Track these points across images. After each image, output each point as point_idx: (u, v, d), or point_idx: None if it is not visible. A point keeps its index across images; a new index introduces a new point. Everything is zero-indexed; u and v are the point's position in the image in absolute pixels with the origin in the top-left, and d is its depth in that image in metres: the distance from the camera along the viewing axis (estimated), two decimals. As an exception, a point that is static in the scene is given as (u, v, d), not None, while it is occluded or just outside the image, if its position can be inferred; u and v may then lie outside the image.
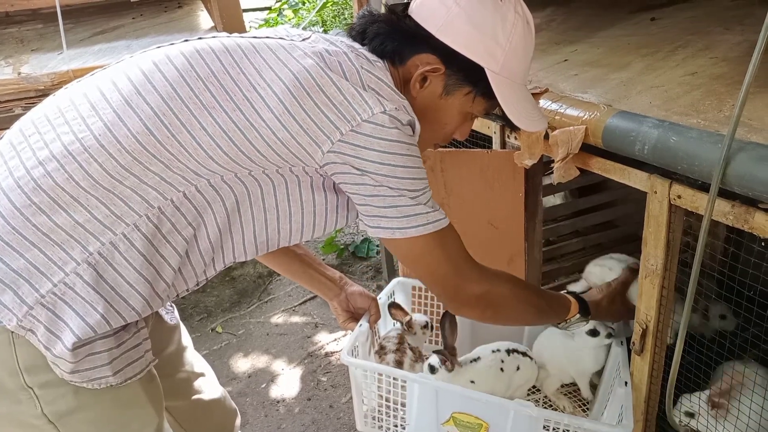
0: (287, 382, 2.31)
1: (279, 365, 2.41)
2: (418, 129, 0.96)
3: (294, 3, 5.82)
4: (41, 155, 0.87)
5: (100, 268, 0.87)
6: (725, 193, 0.95)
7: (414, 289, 1.75)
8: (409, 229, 0.93)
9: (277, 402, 2.22)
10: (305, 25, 5.25)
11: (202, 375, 1.30)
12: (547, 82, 1.41)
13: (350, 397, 2.14)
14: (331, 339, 2.54)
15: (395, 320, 1.57)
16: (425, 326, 1.55)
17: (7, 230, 0.85)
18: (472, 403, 1.29)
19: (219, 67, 0.91)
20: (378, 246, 3.14)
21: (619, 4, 1.83)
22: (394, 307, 1.53)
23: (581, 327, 1.22)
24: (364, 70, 0.93)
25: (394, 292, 1.72)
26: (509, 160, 1.48)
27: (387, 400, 1.37)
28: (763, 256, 1.15)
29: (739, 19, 1.42)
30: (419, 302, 1.76)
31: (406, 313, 1.55)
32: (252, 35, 1.00)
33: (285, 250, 1.33)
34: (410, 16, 1.02)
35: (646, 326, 1.22)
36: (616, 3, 1.86)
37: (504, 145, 1.56)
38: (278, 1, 5.92)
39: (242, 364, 2.44)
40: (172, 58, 0.93)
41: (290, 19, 5.81)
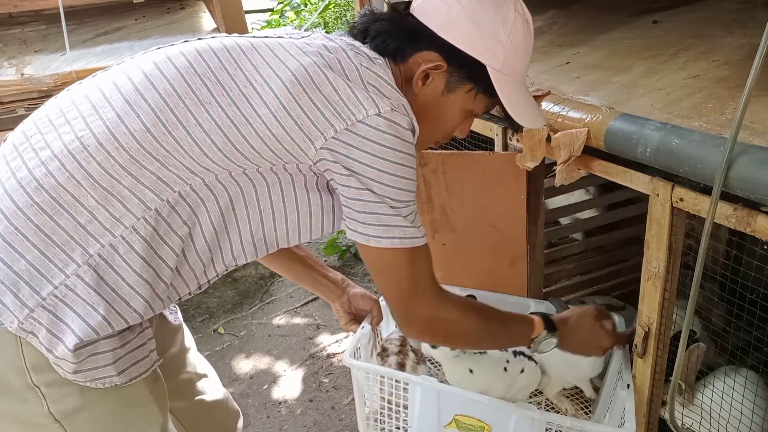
0: (289, 383, 2.32)
1: (281, 366, 2.41)
2: (418, 131, 0.97)
3: (296, 4, 5.82)
4: (43, 155, 0.88)
5: (101, 270, 0.88)
6: (727, 196, 0.95)
7: (416, 291, 1.75)
8: (383, 239, 0.93)
9: (279, 403, 2.22)
10: (307, 27, 5.26)
11: (204, 376, 1.31)
12: (549, 85, 1.41)
13: (352, 399, 2.14)
14: (332, 340, 2.54)
15: (397, 322, 1.57)
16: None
17: (9, 230, 0.85)
18: (474, 405, 1.29)
19: (217, 64, 0.92)
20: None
21: (621, 7, 1.83)
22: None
23: (552, 346, 1.19)
24: (364, 68, 0.93)
25: (396, 294, 1.72)
26: (511, 163, 1.48)
27: (389, 402, 1.37)
28: (765, 259, 1.16)
29: (741, 22, 1.42)
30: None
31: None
32: (252, 35, 1.01)
33: (287, 252, 1.33)
34: (412, 15, 1.03)
35: (649, 329, 1.22)
36: (617, 6, 1.87)
37: (506, 147, 1.56)
38: (280, 3, 5.92)
39: (244, 366, 2.44)
40: (172, 57, 0.93)
41: (292, 21, 5.82)
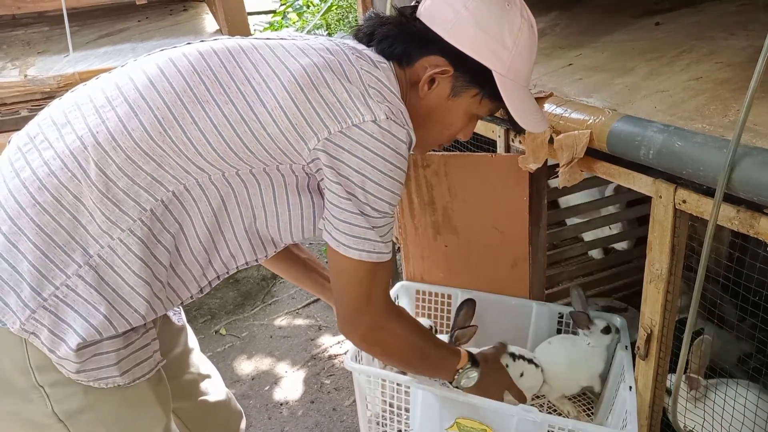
0: (291, 384, 2.31)
1: (282, 368, 2.41)
2: (414, 142, 0.97)
3: (298, 6, 5.83)
4: (46, 155, 0.88)
5: (101, 271, 0.88)
6: (730, 198, 0.95)
7: (418, 293, 1.75)
8: (351, 249, 0.94)
9: (281, 404, 2.22)
10: (310, 29, 5.26)
11: (208, 377, 1.31)
12: (552, 87, 1.41)
13: (354, 400, 2.13)
14: (334, 342, 2.54)
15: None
16: (429, 331, 1.55)
17: (13, 231, 0.86)
18: (476, 408, 1.29)
19: (216, 63, 0.92)
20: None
21: (623, 9, 1.83)
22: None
23: (472, 382, 1.24)
24: (365, 71, 0.94)
25: (398, 296, 1.72)
26: (514, 164, 1.48)
27: (391, 405, 1.37)
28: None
29: (744, 24, 1.42)
30: (423, 306, 1.76)
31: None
32: (254, 37, 1.01)
33: (288, 255, 1.33)
34: (419, 19, 1.03)
35: (651, 331, 1.21)
36: (620, 8, 1.86)
37: (508, 149, 1.56)
38: (283, 5, 5.93)
39: (246, 367, 2.44)
40: (174, 58, 0.94)
41: (294, 23, 5.82)
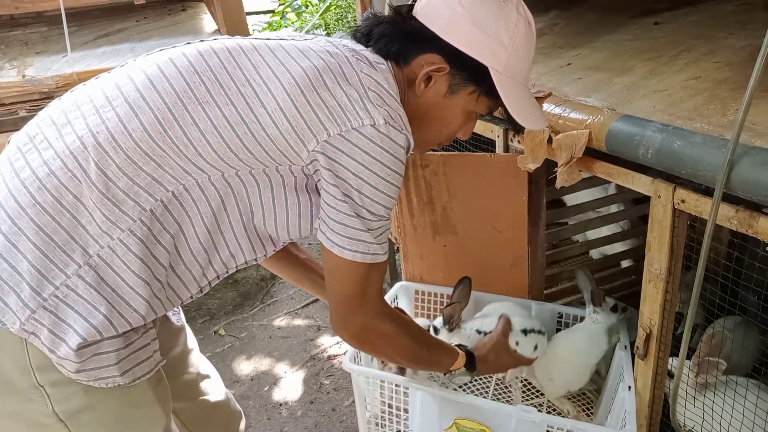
0: (290, 385, 2.31)
1: (282, 368, 2.41)
2: (412, 146, 0.97)
3: (297, 6, 5.83)
4: (46, 155, 0.88)
5: (101, 271, 0.88)
6: (729, 198, 0.95)
7: (417, 293, 1.75)
8: (345, 250, 0.95)
9: (280, 405, 2.21)
10: (308, 29, 5.26)
11: (207, 377, 1.31)
12: (551, 86, 1.41)
13: (353, 401, 2.13)
14: (333, 342, 2.53)
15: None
16: (426, 331, 1.55)
17: (13, 231, 0.85)
18: (475, 409, 1.29)
19: (216, 63, 0.92)
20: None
21: (622, 9, 1.83)
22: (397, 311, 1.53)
23: (465, 381, 1.26)
24: (364, 74, 0.94)
25: (397, 297, 1.72)
26: (512, 164, 1.48)
27: (390, 406, 1.37)
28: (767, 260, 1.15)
29: (743, 23, 1.42)
30: (422, 306, 1.75)
31: (408, 318, 1.54)
32: (254, 37, 1.01)
33: (287, 255, 1.33)
34: (415, 17, 1.03)
35: (650, 331, 1.21)
36: (618, 7, 1.86)
37: (507, 148, 1.55)
38: (281, 5, 5.93)
39: (245, 367, 2.44)
40: (174, 58, 0.94)
41: (293, 23, 5.82)
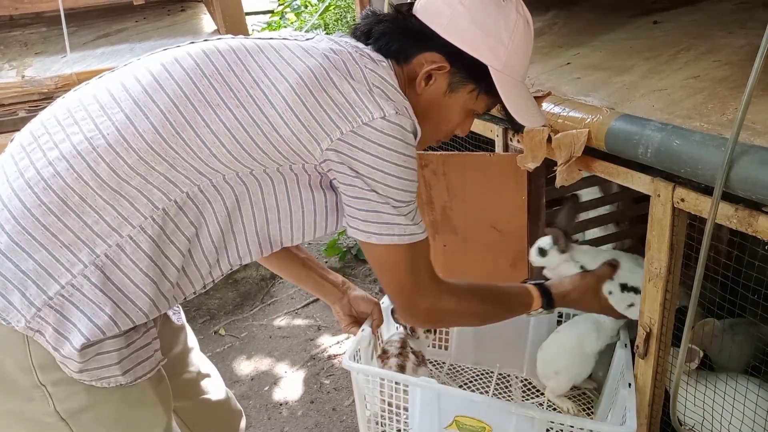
0: (290, 384, 2.31)
1: (282, 368, 2.41)
2: (420, 133, 0.98)
3: (296, 6, 5.83)
4: (51, 155, 0.88)
5: (107, 270, 0.88)
6: (729, 197, 0.95)
7: (417, 292, 1.75)
8: (384, 236, 0.95)
9: (280, 405, 2.21)
10: (308, 29, 5.26)
11: (207, 376, 1.31)
12: (550, 86, 1.41)
13: (353, 400, 2.13)
14: (334, 342, 2.53)
15: (398, 324, 1.57)
16: (428, 330, 1.55)
17: (17, 230, 0.85)
18: (475, 406, 1.29)
19: (224, 65, 0.92)
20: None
21: (621, 8, 1.83)
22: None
23: (544, 317, 1.23)
24: (368, 69, 0.94)
25: (397, 296, 1.72)
26: (512, 163, 1.48)
27: (390, 404, 1.37)
28: (767, 259, 1.15)
29: (742, 22, 1.42)
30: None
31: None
32: (257, 37, 1.01)
33: (288, 254, 1.33)
34: (415, 16, 1.04)
35: (650, 329, 1.21)
36: (618, 6, 1.87)
37: (507, 148, 1.56)
38: (281, 5, 5.93)
39: (245, 367, 2.44)
40: (179, 59, 0.94)
41: (293, 23, 5.82)
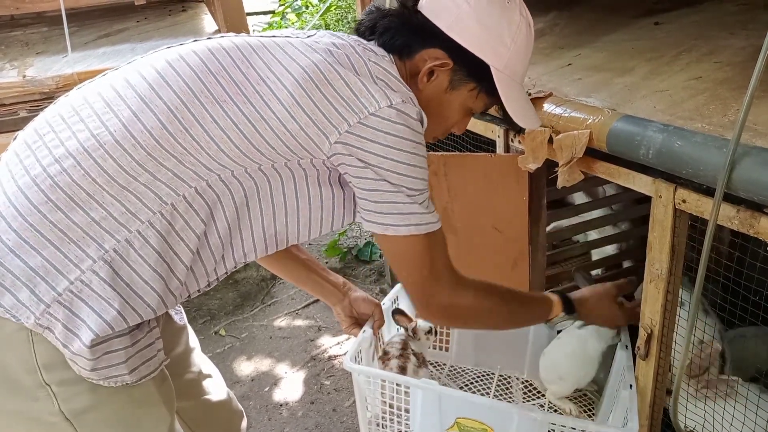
0: (290, 385, 2.31)
1: (282, 369, 2.41)
2: (426, 122, 0.99)
3: (297, 6, 5.83)
4: (57, 153, 0.88)
5: (116, 266, 0.88)
6: (730, 198, 0.95)
7: (418, 293, 1.75)
8: (401, 227, 0.95)
9: (281, 405, 2.21)
10: (309, 29, 5.25)
11: (209, 376, 1.31)
12: (551, 86, 1.41)
13: (354, 401, 2.13)
14: (334, 342, 2.53)
15: (399, 326, 1.57)
16: (429, 332, 1.55)
17: (24, 227, 0.85)
18: (476, 407, 1.29)
19: (229, 62, 0.93)
20: (381, 249, 3.13)
21: (623, 9, 1.83)
22: (399, 313, 1.53)
23: (568, 325, 1.26)
24: (372, 62, 0.95)
25: (398, 298, 1.72)
26: (513, 164, 1.48)
27: (390, 406, 1.37)
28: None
29: (743, 23, 1.42)
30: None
31: (410, 319, 1.54)
32: (260, 34, 1.03)
33: (288, 255, 1.33)
34: (420, 12, 1.04)
35: (651, 331, 1.21)
36: (619, 7, 1.86)
37: (508, 149, 1.55)
38: (282, 5, 5.93)
39: (245, 368, 2.44)
40: (185, 56, 0.94)
41: (293, 23, 5.82)
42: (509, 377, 1.76)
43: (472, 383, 1.75)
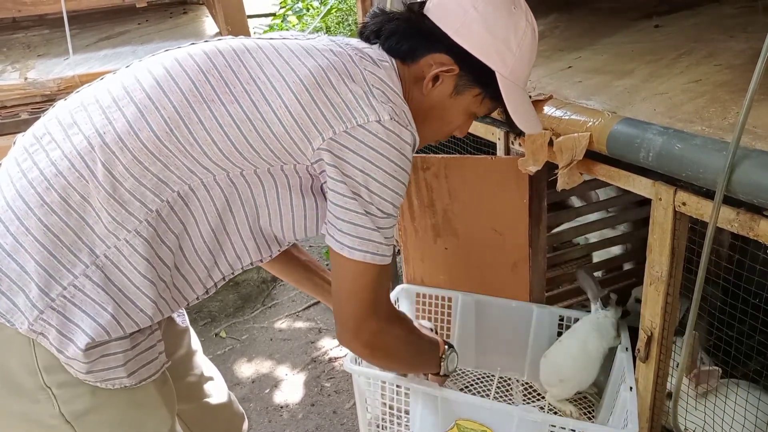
0: (291, 387, 2.31)
1: (283, 371, 2.41)
2: (418, 142, 0.97)
3: (298, 9, 5.84)
4: (53, 155, 0.89)
5: (108, 271, 0.88)
6: (730, 201, 0.95)
7: (418, 296, 1.75)
8: (355, 251, 0.94)
9: (281, 407, 2.21)
10: (309, 32, 5.26)
11: (210, 379, 1.31)
12: (552, 89, 1.42)
13: (354, 403, 2.13)
14: (334, 344, 2.53)
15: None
16: (431, 331, 1.55)
17: (21, 231, 0.86)
18: (476, 409, 1.29)
19: (222, 62, 0.93)
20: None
21: (623, 12, 1.83)
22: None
23: (455, 363, 1.29)
24: (368, 72, 0.95)
25: (398, 299, 1.72)
26: (513, 167, 1.48)
27: (391, 407, 1.37)
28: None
29: (743, 26, 1.42)
30: (424, 309, 1.76)
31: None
32: (258, 37, 1.02)
33: (288, 257, 1.33)
34: (426, 16, 1.04)
35: (651, 333, 1.21)
36: (619, 10, 1.87)
37: (508, 151, 1.56)
38: (282, 7, 5.94)
39: (246, 370, 2.43)
40: (180, 58, 0.94)
41: (294, 25, 5.83)
42: (509, 379, 1.76)
43: (471, 385, 1.75)
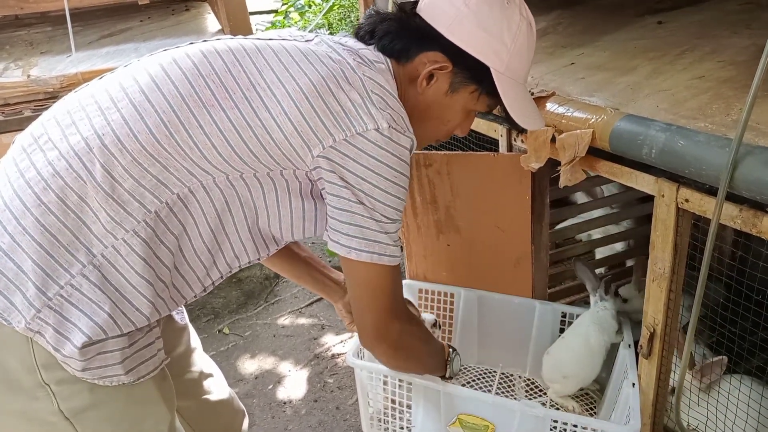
0: (294, 383, 2.32)
1: (286, 367, 2.42)
2: (415, 146, 0.98)
3: (300, 6, 5.83)
4: (51, 155, 0.89)
5: (104, 270, 0.89)
6: (733, 197, 0.95)
7: (421, 291, 1.76)
8: (363, 252, 0.95)
9: (284, 403, 2.22)
10: (312, 28, 5.26)
11: (210, 376, 1.31)
12: (554, 86, 1.41)
13: (357, 399, 2.13)
14: (337, 341, 2.54)
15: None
16: (434, 325, 1.55)
17: (18, 230, 0.86)
18: (478, 404, 1.29)
19: (221, 66, 0.93)
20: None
21: (626, 8, 1.83)
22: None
23: (459, 363, 1.30)
24: (367, 78, 0.94)
25: (400, 295, 1.72)
26: (516, 164, 1.48)
27: (393, 402, 1.38)
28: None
29: (747, 22, 1.42)
30: (426, 305, 1.76)
31: (415, 312, 1.54)
32: (256, 37, 1.02)
33: (290, 254, 1.33)
34: (419, 15, 1.04)
35: (654, 330, 1.21)
36: (622, 6, 1.86)
37: (510, 148, 1.56)
38: (284, 4, 5.93)
39: (249, 366, 2.44)
40: (178, 59, 0.94)
41: (296, 22, 5.82)
42: (511, 375, 1.77)
43: (474, 380, 1.76)
